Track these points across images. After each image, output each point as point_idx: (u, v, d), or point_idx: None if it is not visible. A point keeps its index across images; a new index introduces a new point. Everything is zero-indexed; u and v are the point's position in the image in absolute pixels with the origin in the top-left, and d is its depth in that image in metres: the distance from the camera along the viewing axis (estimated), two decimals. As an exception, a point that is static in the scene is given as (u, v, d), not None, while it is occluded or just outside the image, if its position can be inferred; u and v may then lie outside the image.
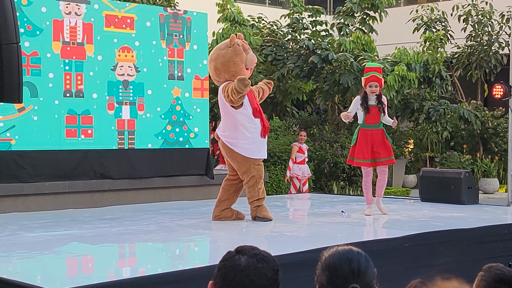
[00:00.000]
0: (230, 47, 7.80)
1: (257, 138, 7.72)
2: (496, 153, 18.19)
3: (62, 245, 6.39)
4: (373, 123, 8.36)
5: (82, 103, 9.86)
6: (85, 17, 9.87)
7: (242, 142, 7.69)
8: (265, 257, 2.40)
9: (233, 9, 15.13)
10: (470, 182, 9.67)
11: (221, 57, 7.81)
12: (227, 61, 7.76)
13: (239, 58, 7.77)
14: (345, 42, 14.61)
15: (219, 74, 7.87)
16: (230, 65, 7.75)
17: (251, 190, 7.81)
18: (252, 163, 7.75)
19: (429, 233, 6.83)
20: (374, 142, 8.32)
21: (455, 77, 18.25)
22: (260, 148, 7.78)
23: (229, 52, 7.79)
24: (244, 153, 7.70)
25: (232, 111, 7.66)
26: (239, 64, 7.76)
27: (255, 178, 7.78)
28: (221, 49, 7.91)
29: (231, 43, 7.80)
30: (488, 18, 18.05)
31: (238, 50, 7.79)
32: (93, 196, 9.79)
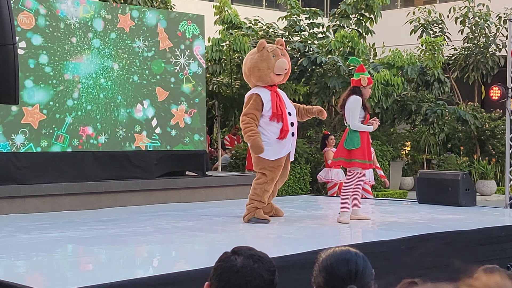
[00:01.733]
0: (257, 53, 8.00)
1: (273, 141, 7.84)
2: (493, 155, 18.20)
3: (58, 247, 6.36)
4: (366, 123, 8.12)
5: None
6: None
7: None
8: (261, 258, 2.39)
9: (230, 11, 15.13)
10: (468, 184, 9.66)
11: (249, 62, 8.06)
12: (252, 67, 7.97)
13: (265, 64, 7.93)
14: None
15: (247, 77, 8.16)
16: (255, 70, 7.95)
17: (258, 189, 7.93)
18: (267, 164, 7.90)
19: (427, 235, 6.82)
20: (369, 143, 8.12)
21: (452, 79, 18.26)
22: (275, 150, 7.87)
23: (255, 58, 7.99)
24: (262, 154, 7.86)
25: None
26: (264, 70, 7.92)
27: (267, 179, 7.93)
28: (251, 54, 8.19)
29: (259, 48, 7.99)
30: (485, 20, 18.07)
31: (265, 56, 7.94)
32: (89, 198, 9.77)
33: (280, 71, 7.99)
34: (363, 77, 7.97)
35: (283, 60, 7.98)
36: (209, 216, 8.70)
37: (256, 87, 8.02)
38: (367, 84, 7.98)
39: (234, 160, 14.73)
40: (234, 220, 8.39)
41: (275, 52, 8.00)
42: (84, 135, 9.89)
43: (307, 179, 14.49)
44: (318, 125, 16.86)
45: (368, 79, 8.03)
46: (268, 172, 7.90)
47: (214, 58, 13.96)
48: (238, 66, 14.76)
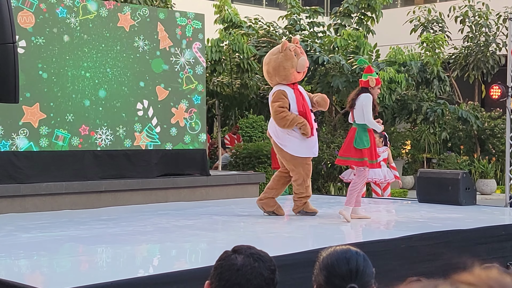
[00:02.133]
0: (281, 52, 8.23)
1: (303, 138, 8.11)
2: (493, 154, 18.19)
3: (58, 246, 6.36)
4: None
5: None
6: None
7: (289, 143, 8.15)
8: (261, 257, 2.39)
9: (230, 10, 15.11)
10: (468, 183, 9.66)
11: (273, 61, 8.27)
12: (277, 66, 8.21)
13: (289, 63, 8.19)
14: (335, 40, 14.60)
15: (271, 77, 8.36)
16: (280, 69, 8.20)
17: (300, 187, 8.26)
18: (300, 161, 8.19)
19: (427, 234, 6.81)
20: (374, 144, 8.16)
21: (452, 78, 18.25)
22: (307, 147, 8.16)
23: (279, 57, 8.23)
24: (292, 152, 8.17)
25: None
26: (289, 68, 8.19)
27: (303, 176, 8.22)
28: (273, 53, 8.39)
29: (282, 48, 8.22)
30: (485, 18, 18.06)
31: (289, 55, 8.21)
32: (89, 197, 9.77)
33: (302, 69, 8.29)
34: (371, 78, 7.98)
35: (304, 58, 8.32)
36: (209, 215, 8.69)
37: (279, 85, 8.28)
38: (375, 85, 8.00)
39: (234, 159, 14.73)
40: (234, 219, 8.40)
41: (296, 51, 8.27)
42: (84, 134, 9.88)
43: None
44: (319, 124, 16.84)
45: (376, 80, 8.05)
46: (303, 169, 8.20)
47: (214, 59, 13.95)
48: (238, 66, 14.74)
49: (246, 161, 14.18)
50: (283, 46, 8.27)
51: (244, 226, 7.73)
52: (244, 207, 9.68)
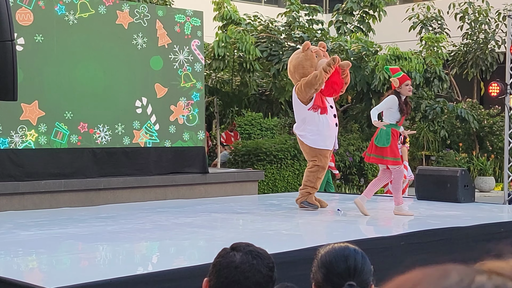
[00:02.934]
0: (303, 52, 8.86)
1: (322, 131, 8.61)
2: (492, 152, 18.20)
3: (57, 243, 6.36)
4: (401, 124, 8.27)
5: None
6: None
7: (309, 134, 8.70)
8: (260, 254, 2.39)
9: (229, 7, 15.10)
10: (466, 180, 9.67)
11: (294, 60, 8.93)
12: (297, 65, 8.81)
13: (308, 63, 8.77)
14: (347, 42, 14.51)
15: (292, 75, 8.99)
16: (299, 68, 8.79)
17: (311, 176, 8.72)
18: (318, 153, 8.71)
19: (425, 231, 6.82)
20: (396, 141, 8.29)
21: (451, 76, 18.25)
22: (325, 139, 8.64)
23: (300, 57, 8.87)
24: (310, 143, 8.71)
25: (301, 107, 8.72)
26: (307, 68, 8.74)
27: (319, 167, 8.72)
28: (296, 53, 9.09)
29: (304, 48, 8.84)
30: (485, 16, 18.05)
31: (309, 56, 8.79)
32: (88, 195, 9.77)
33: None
34: (394, 80, 8.22)
35: (324, 60, 8.76)
36: (208, 212, 8.70)
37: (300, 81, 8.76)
38: (399, 85, 8.15)
39: (233, 156, 14.73)
40: (233, 217, 8.41)
41: (318, 53, 8.86)
42: (83, 132, 9.88)
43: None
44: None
45: (399, 79, 8.20)
46: (320, 161, 8.68)
47: (218, 54, 13.93)
48: (240, 64, 14.73)
49: (245, 158, 14.18)
50: (304, 46, 8.87)
51: (243, 224, 7.74)
52: (243, 205, 9.69)
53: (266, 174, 13.67)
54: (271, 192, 13.54)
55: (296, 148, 14.29)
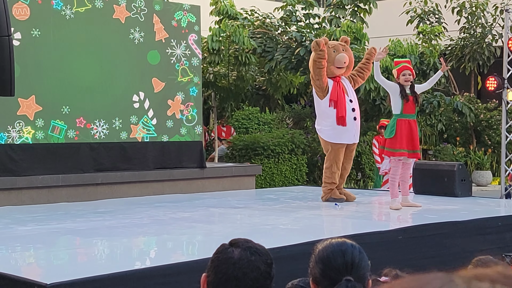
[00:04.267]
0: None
1: (335, 125, 8.75)
2: (489, 146, 18.21)
3: (55, 238, 6.37)
4: (410, 112, 8.34)
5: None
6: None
7: (324, 128, 8.94)
8: (258, 250, 2.39)
9: (226, 2, 15.08)
10: (463, 174, 9.68)
11: (311, 57, 9.01)
12: (313, 61, 8.89)
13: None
14: (335, 31, 14.53)
15: (311, 70, 9.03)
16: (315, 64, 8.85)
17: (327, 172, 8.93)
18: (331, 146, 8.88)
19: (423, 225, 6.84)
20: (413, 132, 8.33)
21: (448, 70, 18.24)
22: (339, 134, 8.77)
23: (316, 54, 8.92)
24: (324, 137, 8.97)
25: (318, 101, 8.92)
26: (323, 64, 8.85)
27: (331, 161, 8.89)
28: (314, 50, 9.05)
29: (319, 46, 8.81)
30: (482, 10, 18.05)
31: (327, 51, 8.82)
32: (86, 190, 9.77)
33: (340, 64, 8.91)
34: (394, 72, 8.60)
35: (342, 55, 8.92)
36: (206, 207, 8.71)
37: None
38: (397, 76, 8.45)
39: (230, 151, 14.73)
40: (231, 211, 8.41)
41: (336, 47, 8.98)
42: (80, 126, 9.87)
43: (304, 170, 14.50)
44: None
45: (397, 70, 8.48)
46: (332, 155, 8.86)
47: (213, 48, 13.91)
48: (236, 58, 14.71)
49: (243, 153, 14.18)
50: (319, 44, 8.88)
51: (241, 218, 7.75)
52: (240, 199, 9.69)
53: (264, 169, 13.67)
54: (269, 186, 13.54)
55: (293, 142, 14.30)
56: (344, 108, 8.77)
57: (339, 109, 8.74)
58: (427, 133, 18.28)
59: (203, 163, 11.11)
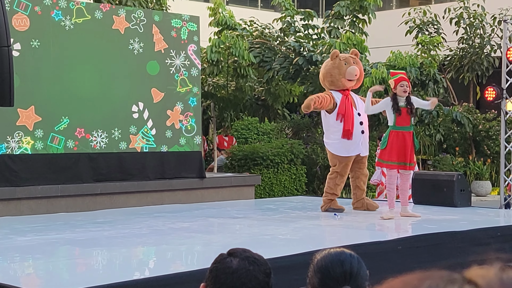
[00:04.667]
0: (331, 61, 9.14)
1: (342, 139, 8.87)
2: (488, 156, 18.21)
3: (54, 248, 6.36)
4: (404, 124, 8.31)
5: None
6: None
7: (331, 142, 9.07)
8: (256, 260, 2.40)
9: (224, 13, 15.12)
10: (463, 184, 9.68)
11: (323, 68, 9.28)
12: (326, 72, 9.15)
13: (336, 71, 9.08)
14: (335, 43, 14.55)
15: (322, 83, 9.35)
16: (328, 76, 9.13)
17: (330, 183, 9.05)
18: (339, 160, 8.99)
19: (422, 235, 6.83)
20: (406, 144, 8.28)
21: (447, 80, 18.28)
22: (346, 147, 8.86)
23: (328, 65, 9.19)
24: (332, 150, 9.08)
25: (326, 115, 9.04)
26: (335, 75, 9.08)
27: (337, 174, 9.02)
28: (326, 61, 9.36)
29: (332, 57, 9.14)
30: (480, 20, 18.10)
31: (337, 64, 9.09)
32: (85, 200, 9.77)
33: (351, 77, 9.05)
34: (390, 82, 8.58)
35: (353, 67, 9.05)
36: (205, 217, 8.70)
37: (330, 90, 9.10)
38: (394, 86, 8.43)
39: (230, 161, 14.73)
40: (230, 221, 8.41)
41: (347, 60, 9.13)
42: (80, 137, 9.88)
43: (303, 180, 14.50)
44: (315, 127, 16.86)
45: (395, 80, 8.47)
46: (339, 168, 8.97)
47: (212, 59, 13.94)
48: (234, 69, 14.74)
49: (242, 163, 14.17)
50: (332, 55, 9.15)
51: (240, 228, 7.74)
52: (239, 209, 9.69)
53: (263, 179, 13.66)
54: (268, 196, 13.54)
55: (292, 152, 14.30)
56: (352, 122, 8.84)
57: (346, 122, 8.83)
58: (426, 143, 18.29)
59: (203, 173, 11.11)
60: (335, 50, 9.40)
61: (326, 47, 14.57)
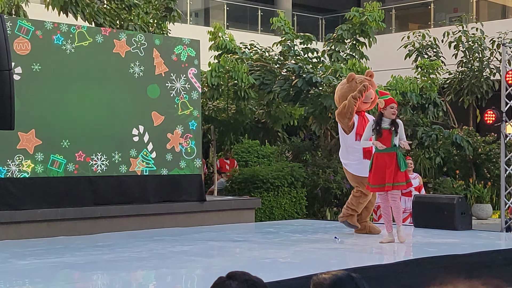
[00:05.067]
0: (347, 83, 9.18)
1: (361, 159, 8.88)
2: (489, 179, 18.19)
3: (54, 272, 6.34)
4: (385, 146, 8.19)
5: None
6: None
7: (351, 163, 9.08)
8: (256, 283, 2.39)
9: (224, 36, 15.19)
10: (463, 207, 9.66)
11: (339, 91, 9.31)
12: (342, 95, 9.13)
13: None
14: (341, 69, 14.57)
15: (338, 103, 9.30)
16: (343, 98, 9.08)
17: (354, 200, 9.10)
18: (360, 181, 8.97)
19: (423, 259, 6.81)
20: (386, 165, 8.17)
21: (447, 103, 18.32)
22: (366, 167, 8.64)
23: (345, 88, 9.19)
24: (352, 171, 9.08)
25: (344, 136, 9.08)
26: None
27: (362, 193, 9.04)
28: (342, 84, 9.41)
29: (348, 80, 9.19)
30: (479, 44, 18.19)
31: (353, 87, 9.08)
32: (85, 223, 9.74)
33: (367, 100, 9.06)
34: (380, 101, 8.43)
35: (370, 91, 9.01)
36: (205, 240, 8.68)
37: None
38: (384, 106, 8.32)
39: (230, 184, 14.71)
40: (230, 245, 8.38)
41: (362, 82, 9.06)
42: (80, 160, 9.88)
43: (303, 203, 14.47)
44: (315, 149, 16.86)
45: (385, 100, 8.37)
46: (362, 188, 8.94)
47: (212, 84, 13.99)
48: (235, 92, 14.78)
49: (242, 186, 14.16)
50: (349, 78, 9.19)
51: (240, 252, 7.72)
52: (240, 233, 9.67)
53: (263, 202, 13.64)
54: (268, 219, 13.51)
55: (293, 175, 14.28)
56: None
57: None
58: (426, 166, 18.27)
59: (203, 196, 11.09)
60: (352, 73, 9.39)
61: (331, 71, 14.61)
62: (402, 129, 8.34)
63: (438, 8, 23.69)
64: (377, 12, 15.76)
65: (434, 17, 23.31)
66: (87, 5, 12.80)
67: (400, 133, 8.25)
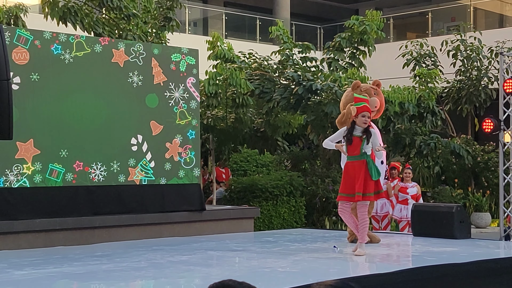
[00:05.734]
0: (352, 92, 9.04)
1: None
2: (487, 187, 18.21)
3: (52, 283, 6.32)
4: (354, 154, 8.01)
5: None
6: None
7: None
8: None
9: (223, 46, 15.22)
10: (462, 216, 9.65)
11: (344, 98, 9.27)
12: (346, 102, 9.01)
13: None
14: (340, 78, 14.58)
15: (342, 111, 9.19)
16: (345, 107, 8.94)
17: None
18: None
19: (422, 268, 6.80)
20: (355, 174, 7.97)
21: (445, 112, 18.35)
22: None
23: (349, 96, 9.04)
24: None
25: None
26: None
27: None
28: (347, 91, 9.35)
29: (353, 88, 9.08)
30: (477, 53, 18.24)
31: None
32: (83, 233, 9.73)
33: (372, 108, 8.85)
34: (352, 108, 8.14)
35: (374, 99, 8.93)
36: (204, 250, 8.67)
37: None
38: (356, 114, 8.05)
39: (228, 193, 14.72)
40: (229, 254, 8.37)
41: (368, 91, 9.04)
42: (78, 170, 9.88)
43: (302, 212, 14.47)
44: (314, 158, 16.87)
45: (358, 108, 8.07)
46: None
47: (210, 92, 14.01)
48: (233, 100, 14.79)
49: (241, 195, 14.16)
50: (354, 85, 9.09)
51: (239, 261, 7.71)
52: (238, 242, 9.65)
53: (262, 211, 13.64)
54: (267, 229, 13.50)
55: (292, 184, 14.29)
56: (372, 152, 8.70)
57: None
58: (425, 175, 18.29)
59: (202, 206, 11.08)
60: (357, 81, 9.31)
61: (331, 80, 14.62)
62: (376, 139, 8.10)
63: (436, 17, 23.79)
64: (377, 21, 15.78)
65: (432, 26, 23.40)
66: (86, 15, 12.84)
67: (374, 142, 8.01)
